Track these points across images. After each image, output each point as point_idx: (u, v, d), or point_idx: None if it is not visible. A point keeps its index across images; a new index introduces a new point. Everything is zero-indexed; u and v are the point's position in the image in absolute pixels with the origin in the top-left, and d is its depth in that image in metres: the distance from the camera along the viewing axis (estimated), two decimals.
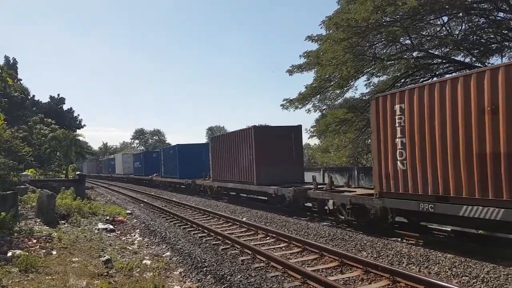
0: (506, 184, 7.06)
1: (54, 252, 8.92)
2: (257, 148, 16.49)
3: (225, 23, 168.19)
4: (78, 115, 60.06)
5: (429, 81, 10.22)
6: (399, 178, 9.30)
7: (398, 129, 9.30)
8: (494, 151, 7.27)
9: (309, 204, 14.04)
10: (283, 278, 7.18)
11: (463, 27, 17.15)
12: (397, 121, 9.31)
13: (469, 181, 7.71)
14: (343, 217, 11.61)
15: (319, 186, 13.54)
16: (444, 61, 18.13)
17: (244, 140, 17.60)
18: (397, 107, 9.31)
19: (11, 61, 46.10)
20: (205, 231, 11.95)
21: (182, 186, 27.57)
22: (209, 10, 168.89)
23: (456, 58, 18.12)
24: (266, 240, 10.52)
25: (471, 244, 8.57)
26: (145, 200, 22.79)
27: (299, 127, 17.44)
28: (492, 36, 16.70)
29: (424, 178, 8.65)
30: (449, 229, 10.12)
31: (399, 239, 9.72)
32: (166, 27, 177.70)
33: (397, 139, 9.33)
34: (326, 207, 12.56)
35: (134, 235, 12.45)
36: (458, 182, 7.92)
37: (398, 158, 9.31)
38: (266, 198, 16.79)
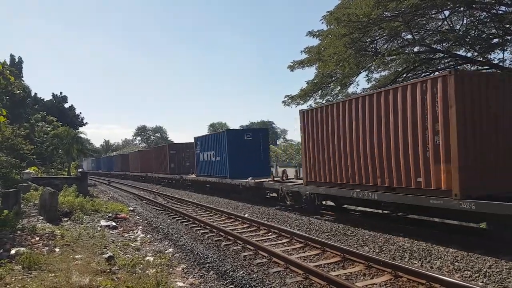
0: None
1: (57, 249, 8.96)
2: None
3: (228, 20, 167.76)
4: (80, 112, 60.23)
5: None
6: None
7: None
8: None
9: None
10: (285, 273, 7.19)
11: (465, 21, 17.01)
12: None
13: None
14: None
15: (275, 179, 16.38)
16: (445, 55, 18.03)
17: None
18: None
19: (17, 60, 45.95)
20: (207, 227, 11.98)
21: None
22: (207, 7, 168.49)
23: (458, 53, 18.02)
24: (268, 235, 10.53)
25: (473, 239, 8.57)
26: (147, 197, 22.88)
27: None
28: (494, 30, 16.58)
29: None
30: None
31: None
32: (168, 25, 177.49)
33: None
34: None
35: (137, 232, 12.48)
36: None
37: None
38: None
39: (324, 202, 13.75)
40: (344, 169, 11.35)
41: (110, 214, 15.23)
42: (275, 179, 16.44)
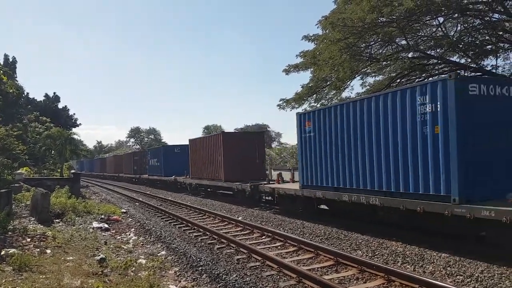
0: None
1: (48, 251, 8.88)
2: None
3: (223, 21, 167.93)
4: (74, 113, 59.90)
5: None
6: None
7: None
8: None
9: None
10: (278, 277, 7.18)
11: (459, 28, 17.20)
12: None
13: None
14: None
15: (186, 176, 25.75)
16: (439, 61, 18.19)
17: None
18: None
19: (10, 60, 45.54)
20: (201, 230, 11.94)
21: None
22: (207, 7, 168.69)
23: (451, 59, 18.19)
24: (261, 239, 10.52)
25: (465, 244, 8.61)
26: (140, 199, 22.78)
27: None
28: (487, 37, 16.76)
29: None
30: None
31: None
32: (167, 25, 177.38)
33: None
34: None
35: (129, 234, 12.42)
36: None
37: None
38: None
39: (209, 190, 22.94)
40: (201, 169, 22.60)
41: (102, 216, 15.14)
42: (186, 176, 25.72)
